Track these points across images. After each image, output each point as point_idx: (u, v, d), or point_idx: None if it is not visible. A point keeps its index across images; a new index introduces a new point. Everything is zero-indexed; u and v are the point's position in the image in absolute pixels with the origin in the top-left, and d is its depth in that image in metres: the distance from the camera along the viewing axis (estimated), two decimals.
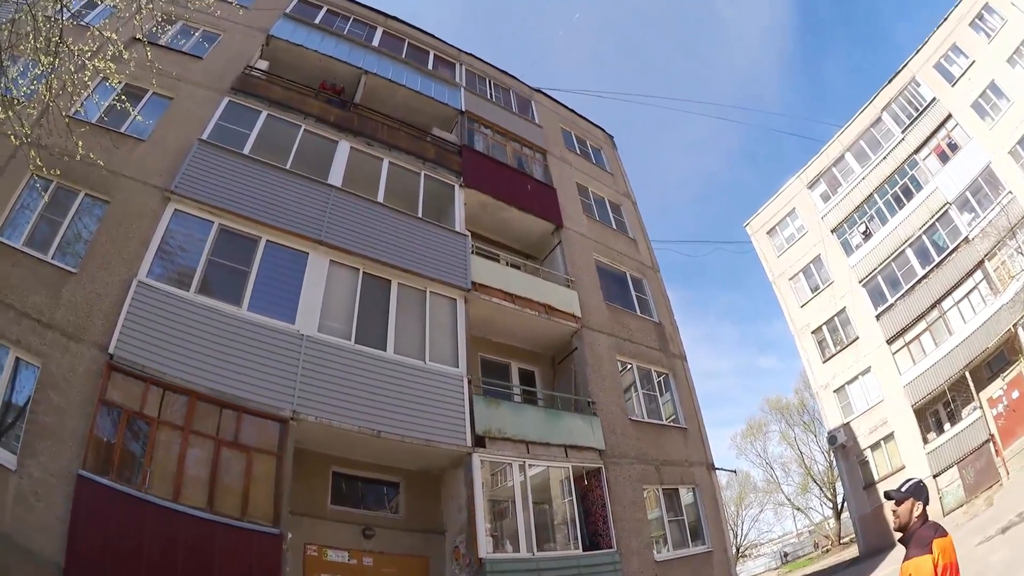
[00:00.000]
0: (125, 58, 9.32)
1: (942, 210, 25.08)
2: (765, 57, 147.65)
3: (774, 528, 52.51)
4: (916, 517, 4.43)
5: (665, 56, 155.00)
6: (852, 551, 29.34)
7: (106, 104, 12.15)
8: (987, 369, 22.47)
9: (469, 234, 15.54)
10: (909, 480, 4.62)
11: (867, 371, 27.29)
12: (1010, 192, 22.49)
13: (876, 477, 25.72)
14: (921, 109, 27.21)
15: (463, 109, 19.47)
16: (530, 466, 13.15)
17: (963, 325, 23.22)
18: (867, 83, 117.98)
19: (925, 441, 23.73)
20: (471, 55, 22.54)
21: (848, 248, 29.22)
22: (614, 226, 21.29)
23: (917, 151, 26.90)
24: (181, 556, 8.91)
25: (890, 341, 26.00)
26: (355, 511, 12.32)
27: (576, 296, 16.81)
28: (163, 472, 9.40)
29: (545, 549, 12.71)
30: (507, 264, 17.11)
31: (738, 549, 43.64)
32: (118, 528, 8.70)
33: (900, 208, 27.03)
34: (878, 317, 26.66)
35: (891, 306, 26.15)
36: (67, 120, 9.18)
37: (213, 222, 11.93)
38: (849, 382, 28.25)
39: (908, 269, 25.91)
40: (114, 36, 9.04)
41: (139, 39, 10.40)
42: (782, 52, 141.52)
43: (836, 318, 29.42)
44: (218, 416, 10.16)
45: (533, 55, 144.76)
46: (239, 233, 12.12)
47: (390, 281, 13.35)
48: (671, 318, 19.96)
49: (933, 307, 24.54)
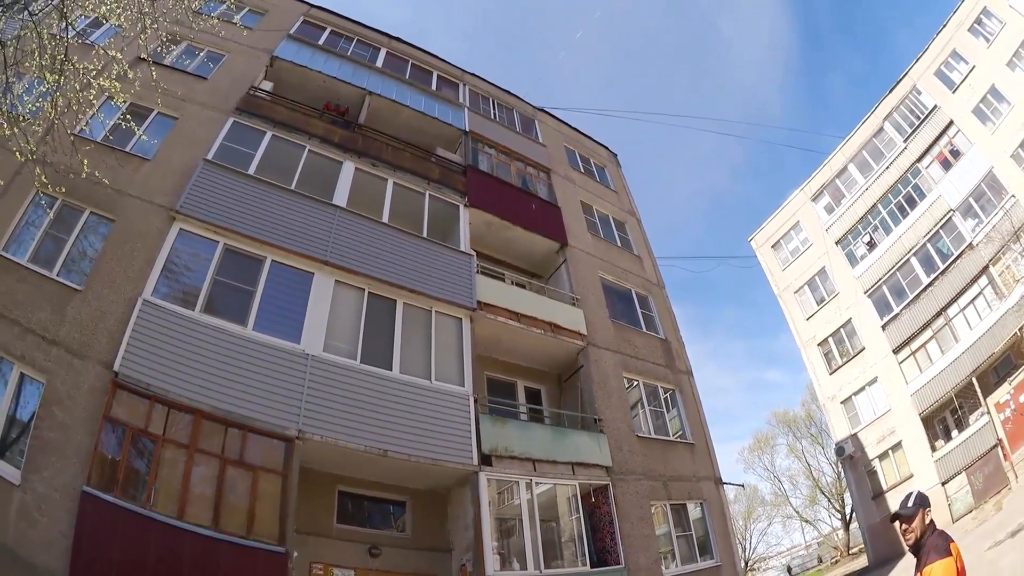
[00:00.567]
0: (130, 77, 9.34)
1: (946, 217, 25.08)
2: (767, 71, 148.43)
3: (783, 541, 52.32)
4: (927, 525, 4.40)
5: (668, 73, 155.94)
6: (861, 561, 29.18)
7: (111, 123, 12.22)
8: (994, 374, 22.37)
9: (474, 253, 15.52)
10: (910, 494, 4.56)
11: (874, 381, 27.21)
12: (1013, 196, 22.52)
13: (884, 487, 25.64)
14: (923, 117, 27.28)
15: (467, 129, 19.49)
16: (537, 484, 13.09)
17: (969, 331, 23.16)
18: (869, 92, 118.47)
19: (933, 449, 23.63)
20: (474, 75, 22.57)
21: (853, 259, 29.21)
22: (619, 243, 21.27)
23: (919, 159, 26.94)
24: (185, 573, 8.88)
25: (896, 351, 25.94)
26: (361, 530, 12.27)
27: (582, 314, 16.76)
28: (168, 490, 9.36)
29: (552, 567, 12.59)
30: (512, 283, 17.13)
31: (747, 563, 43.38)
32: (122, 544, 8.67)
33: (904, 217, 27.04)
34: (884, 327, 26.61)
35: (897, 316, 26.10)
36: (72, 138, 9.23)
37: (218, 242, 11.94)
38: (856, 393, 28.18)
39: (913, 278, 25.88)
40: (119, 55, 9.10)
41: (144, 59, 10.44)
42: (784, 66, 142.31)
43: (842, 329, 29.39)
44: (223, 435, 10.10)
45: (536, 75, 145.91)
46: (244, 253, 12.13)
47: (395, 301, 13.33)
48: (677, 334, 19.90)
49: (939, 315, 24.49)
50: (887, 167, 28.34)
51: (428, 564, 12.44)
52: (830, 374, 29.67)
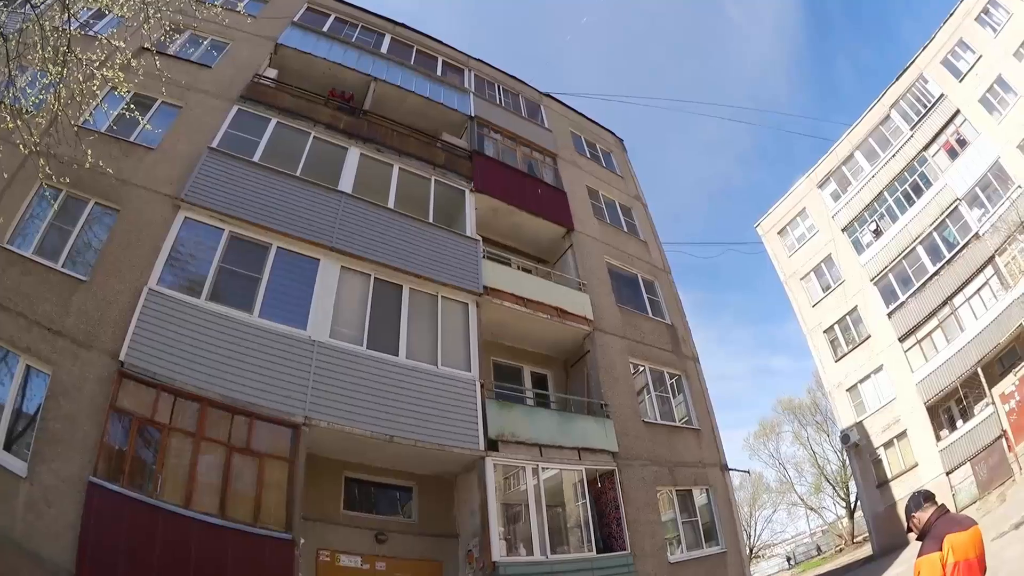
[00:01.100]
0: (133, 67, 9.33)
1: (952, 206, 24.91)
2: (774, 57, 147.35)
3: (787, 529, 52.28)
4: (930, 516, 4.48)
5: (674, 59, 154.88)
6: (866, 550, 29.15)
7: (115, 113, 12.14)
8: (999, 365, 22.28)
9: (480, 239, 15.53)
10: (915, 493, 4.71)
11: (879, 369, 27.13)
12: (1019, 187, 22.30)
13: (889, 475, 25.56)
14: (929, 106, 27.04)
15: (473, 114, 19.45)
16: (543, 469, 13.11)
17: (975, 321, 23.07)
18: (876, 80, 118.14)
19: (938, 438, 23.52)
20: (480, 60, 22.49)
21: (859, 247, 29.05)
22: (625, 229, 21.25)
23: (926, 148, 26.72)
24: (193, 562, 8.92)
25: (902, 339, 25.83)
26: (368, 516, 12.35)
27: (588, 299, 16.75)
28: (175, 479, 9.40)
29: (559, 552, 12.66)
30: (519, 268, 17.16)
31: (751, 550, 43.44)
32: (129, 534, 8.71)
33: (910, 205, 26.86)
34: (890, 315, 26.50)
35: (902, 304, 26.00)
36: (76, 129, 9.23)
37: (223, 229, 11.95)
38: (861, 381, 28.09)
39: (919, 266, 25.75)
40: (122, 45, 9.06)
41: (147, 48, 10.43)
42: (791, 52, 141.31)
43: (848, 317, 29.27)
44: (230, 422, 10.14)
45: (542, 60, 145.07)
46: (250, 240, 12.14)
47: (401, 286, 13.34)
48: (683, 320, 19.89)
49: (944, 304, 24.39)
50: (893, 155, 28.13)
51: (434, 550, 12.51)
52: (836, 361, 29.58)
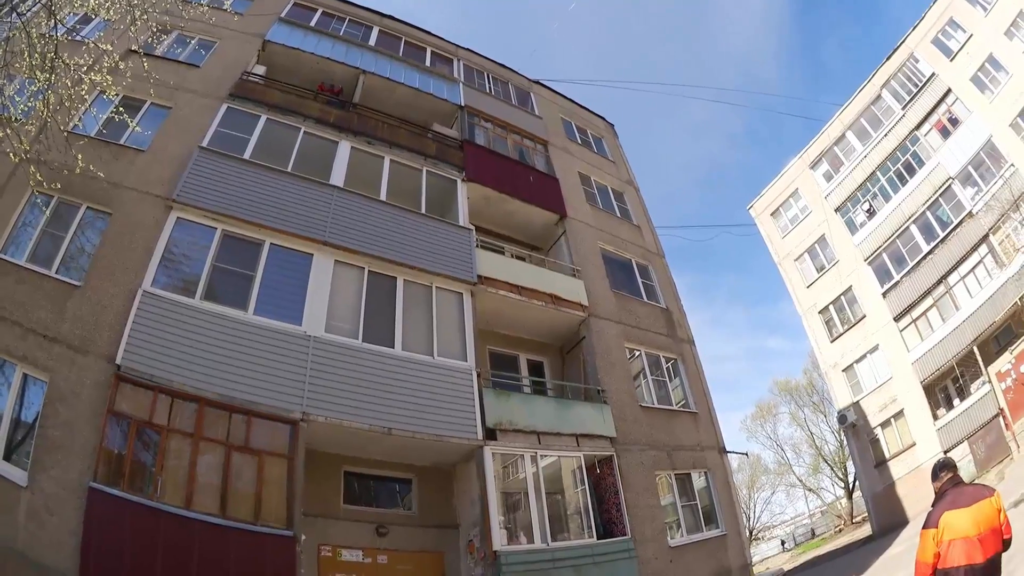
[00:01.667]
0: (121, 70, 9.34)
1: (945, 185, 24.91)
2: (763, 37, 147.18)
3: (786, 510, 52.63)
4: (942, 485, 5.22)
5: (662, 41, 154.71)
6: (865, 530, 29.35)
7: (104, 117, 12.17)
8: (995, 343, 22.38)
9: (473, 228, 15.54)
10: (938, 461, 5.46)
11: (875, 349, 27.26)
12: (1012, 165, 22.33)
13: (887, 455, 25.71)
14: (920, 85, 26.99)
15: (463, 104, 19.44)
16: (542, 457, 13.20)
17: (969, 300, 23.14)
18: (866, 59, 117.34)
19: (935, 417, 23.68)
20: (468, 50, 22.45)
21: (852, 227, 29.06)
22: (618, 214, 21.25)
23: (918, 127, 26.71)
24: (196, 562, 8.97)
25: (897, 318, 25.93)
26: (368, 510, 12.43)
27: (582, 285, 16.79)
28: (175, 480, 9.44)
29: (559, 539, 12.74)
30: (512, 256, 17.19)
31: (751, 532, 43.68)
32: (131, 538, 8.75)
33: (903, 185, 26.85)
34: (884, 295, 26.59)
35: (897, 283, 26.07)
36: (66, 135, 9.24)
37: (216, 228, 11.97)
38: (857, 361, 28.21)
39: (913, 246, 25.79)
40: (110, 48, 9.08)
41: (135, 51, 10.43)
42: (779, 31, 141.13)
43: (843, 297, 29.35)
44: (228, 421, 10.18)
45: (530, 48, 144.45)
46: (243, 238, 12.16)
47: (396, 278, 13.37)
48: (678, 303, 19.95)
49: (939, 283, 24.45)
50: (885, 135, 28.11)
51: (435, 541, 12.61)
52: (831, 342, 29.69)
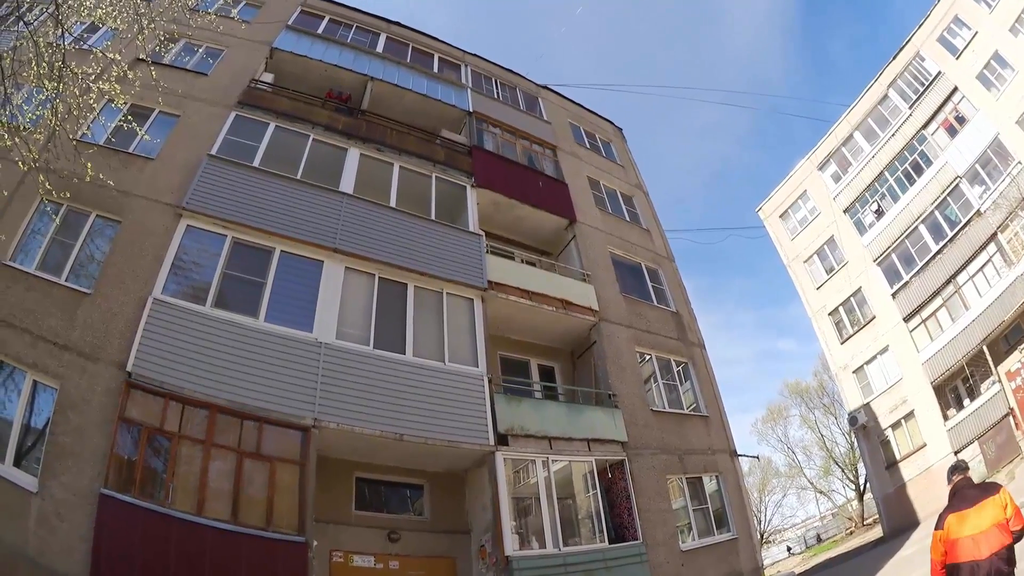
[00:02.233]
0: (130, 78, 9.36)
1: (953, 184, 24.81)
2: (769, 38, 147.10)
3: (797, 512, 52.42)
4: (953, 487, 5.74)
5: (669, 44, 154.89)
6: (876, 532, 29.20)
7: (113, 125, 12.19)
8: (1004, 342, 22.22)
9: (483, 233, 15.53)
10: (952, 464, 6.05)
11: (885, 350, 27.12)
12: (1019, 163, 22.19)
13: (898, 456, 25.57)
14: (927, 84, 26.92)
15: (471, 110, 19.45)
16: (553, 462, 13.18)
17: (979, 299, 23.00)
18: (872, 58, 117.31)
19: (945, 418, 23.55)
20: (476, 56, 22.50)
21: (861, 228, 28.98)
22: (627, 218, 21.24)
23: (925, 126, 26.62)
24: (207, 568, 8.96)
25: (907, 319, 25.81)
26: (380, 515, 12.41)
27: (592, 290, 16.76)
28: (186, 486, 9.45)
29: (571, 544, 12.71)
30: (522, 261, 17.17)
31: (763, 535, 43.53)
32: (142, 544, 8.76)
33: (911, 184, 26.77)
34: (894, 295, 26.47)
35: (906, 284, 25.95)
36: (75, 143, 9.24)
37: (226, 236, 11.99)
38: (868, 362, 28.09)
39: (922, 246, 25.68)
40: (117, 57, 9.10)
41: (143, 59, 10.47)
42: (785, 32, 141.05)
43: (852, 298, 29.23)
44: (239, 428, 10.18)
45: (537, 53, 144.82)
46: (253, 245, 12.18)
47: (406, 284, 13.37)
48: (688, 307, 19.89)
49: (948, 282, 24.31)
50: (893, 134, 28.02)
51: (447, 546, 12.57)
52: (841, 343, 29.58)
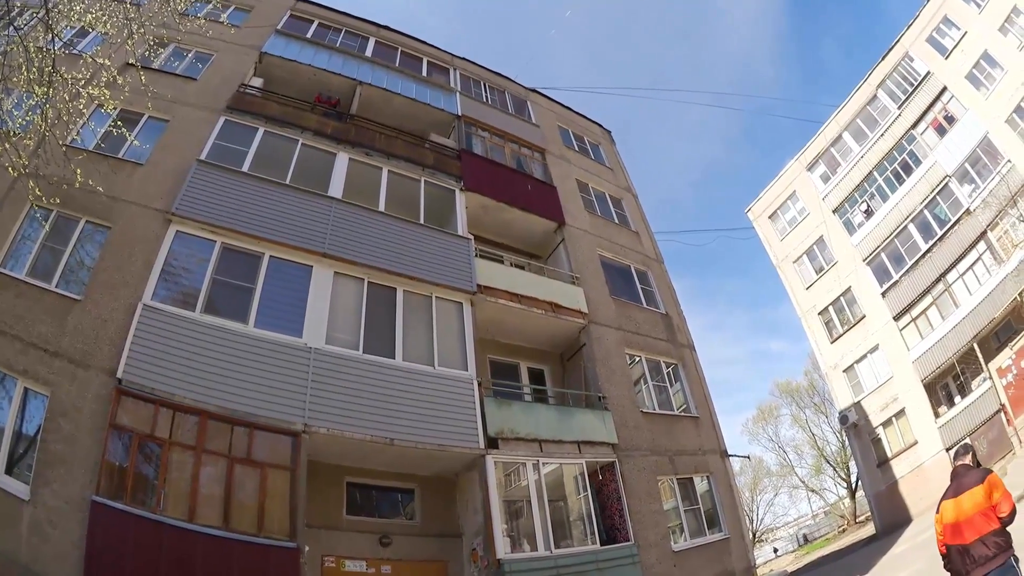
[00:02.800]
0: (119, 84, 9.35)
1: (942, 183, 24.95)
2: (758, 39, 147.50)
3: (789, 511, 52.64)
4: (954, 471, 6.03)
5: (658, 45, 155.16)
6: (869, 529, 29.35)
7: (102, 130, 12.21)
8: (995, 339, 22.41)
9: (472, 237, 15.57)
10: (958, 446, 6.36)
11: (875, 349, 27.26)
12: (1009, 161, 22.39)
13: (889, 454, 25.71)
14: (916, 84, 27.05)
15: (459, 113, 19.48)
16: (544, 464, 13.20)
17: (969, 297, 23.15)
18: (862, 58, 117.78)
19: (936, 415, 23.68)
20: (465, 59, 22.53)
21: (850, 227, 29.10)
22: (616, 220, 21.29)
23: (914, 126, 26.77)
24: (199, 574, 8.98)
25: (897, 318, 25.93)
26: (371, 520, 12.43)
27: (582, 292, 16.82)
28: (177, 493, 9.45)
29: (562, 546, 12.73)
30: (511, 265, 17.17)
31: (754, 534, 43.66)
32: (134, 551, 8.76)
33: (900, 184, 26.90)
34: (884, 294, 26.60)
35: (896, 283, 26.08)
36: (64, 149, 9.23)
37: (216, 241, 11.99)
38: (858, 361, 28.22)
39: (911, 244, 25.81)
40: (107, 62, 9.10)
41: (132, 64, 10.43)
42: (775, 33, 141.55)
43: (842, 298, 29.36)
44: (230, 434, 10.18)
45: (527, 56, 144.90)
46: (242, 251, 12.18)
47: (395, 289, 13.39)
48: (677, 308, 19.97)
49: (938, 281, 24.46)
50: (882, 134, 28.17)
51: (439, 550, 12.61)
52: (831, 343, 29.70)
